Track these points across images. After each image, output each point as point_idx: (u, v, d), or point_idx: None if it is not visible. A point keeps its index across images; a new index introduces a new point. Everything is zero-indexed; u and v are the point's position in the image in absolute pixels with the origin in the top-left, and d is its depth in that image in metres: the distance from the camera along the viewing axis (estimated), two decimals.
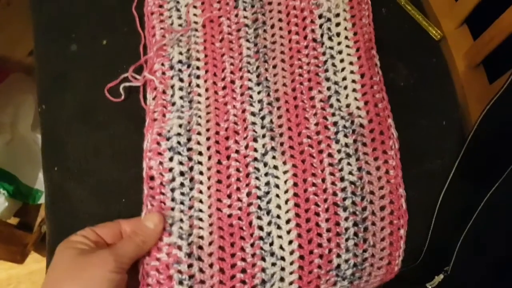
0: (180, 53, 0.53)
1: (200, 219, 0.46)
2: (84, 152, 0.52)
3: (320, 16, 0.54)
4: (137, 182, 0.48)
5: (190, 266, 0.44)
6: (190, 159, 0.49)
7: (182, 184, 0.48)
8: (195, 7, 0.55)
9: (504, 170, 0.47)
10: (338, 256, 0.46)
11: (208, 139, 0.50)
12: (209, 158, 0.49)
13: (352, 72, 0.52)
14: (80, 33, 0.55)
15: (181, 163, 0.48)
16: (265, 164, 0.49)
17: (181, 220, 0.46)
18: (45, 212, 0.52)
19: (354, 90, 0.52)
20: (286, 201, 0.47)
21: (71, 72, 0.54)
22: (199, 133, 0.50)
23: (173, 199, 0.47)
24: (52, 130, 0.53)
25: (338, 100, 0.51)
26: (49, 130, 0.53)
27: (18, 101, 1.00)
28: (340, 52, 0.53)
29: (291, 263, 0.46)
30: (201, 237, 0.46)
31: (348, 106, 0.51)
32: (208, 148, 0.49)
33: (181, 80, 0.52)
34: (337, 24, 0.54)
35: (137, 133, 0.50)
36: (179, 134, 0.49)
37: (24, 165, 1.02)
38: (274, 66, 0.53)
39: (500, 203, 0.47)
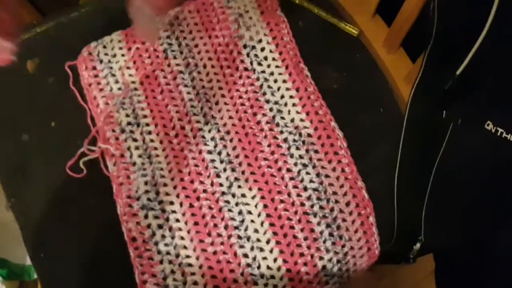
0: (127, 115, 0.56)
1: (190, 265, 0.50)
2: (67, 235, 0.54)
3: (245, 46, 0.58)
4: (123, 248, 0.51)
5: None
6: (163, 211, 0.52)
7: (163, 236, 0.51)
8: (128, 68, 0.58)
9: (444, 135, 0.52)
10: (321, 258, 0.50)
11: (175, 187, 0.53)
12: (181, 204, 0.52)
13: (287, 89, 0.56)
14: (28, 122, 0.57)
15: (156, 217, 0.51)
16: (233, 195, 0.52)
17: (173, 272, 0.49)
18: None
19: (293, 104, 0.55)
20: (262, 224, 0.51)
21: (29, 161, 0.56)
22: (165, 185, 0.53)
23: (159, 252, 0.50)
24: (29, 223, 0.55)
25: (282, 118, 0.55)
26: (27, 224, 0.55)
27: None
28: (271, 73, 0.57)
29: (281, 278, 0.49)
30: (196, 283, 0.49)
31: (292, 121, 0.55)
32: (178, 196, 0.52)
33: (135, 140, 0.55)
34: (262, 49, 0.58)
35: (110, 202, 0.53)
36: (147, 191, 0.52)
37: (10, 246, 1.01)
38: (217, 103, 0.56)
39: (448, 166, 0.52)
